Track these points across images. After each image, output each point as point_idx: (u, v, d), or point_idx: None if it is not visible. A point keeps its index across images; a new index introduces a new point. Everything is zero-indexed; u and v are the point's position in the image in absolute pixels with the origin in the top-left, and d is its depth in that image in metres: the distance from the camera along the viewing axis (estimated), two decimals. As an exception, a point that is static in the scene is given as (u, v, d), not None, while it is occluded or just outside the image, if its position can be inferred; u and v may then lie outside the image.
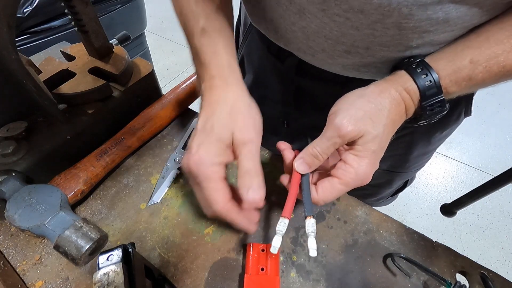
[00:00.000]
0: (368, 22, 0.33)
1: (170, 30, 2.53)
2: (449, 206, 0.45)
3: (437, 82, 0.30)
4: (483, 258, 1.31)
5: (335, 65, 0.41)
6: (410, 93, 0.31)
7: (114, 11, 1.32)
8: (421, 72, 0.31)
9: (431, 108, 0.32)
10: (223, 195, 0.32)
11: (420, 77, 0.31)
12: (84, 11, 0.44)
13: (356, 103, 0.31)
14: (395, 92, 0.31)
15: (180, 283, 0.38)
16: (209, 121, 0.34)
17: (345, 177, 0.31)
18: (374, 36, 0.34)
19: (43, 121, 0.45)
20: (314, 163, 0.33)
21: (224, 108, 0.34)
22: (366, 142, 0.31)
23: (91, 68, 0.49)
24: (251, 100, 0.36)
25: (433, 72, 0.30)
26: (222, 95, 0.35)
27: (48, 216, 0.35)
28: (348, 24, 0.34)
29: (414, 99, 0.32)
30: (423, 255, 0.39)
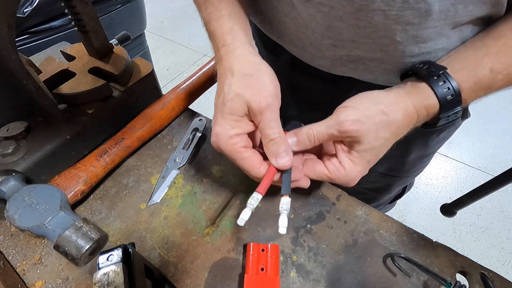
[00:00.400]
0: (352, 10, 0.32)
1: (170, 30, 2.53)
2: (449, 206, 0.45)
3: (459, 95, 0.30)
4: (483, 258, 1.31)
5: (324, 59, 0.41)
6: (428, 109, 0.31)
7: (114, 11, 1.32)
8: (443, 86, 0.30)
9: (447, 119, 0.31)
10: (252, 162, 0.32)
11: (443, 91, 0.30)
12: (84, 11, 0.44)
13: (371, 109, 0.31)
14: (412, 107, 0.31)
15: (180, 283, 0.38)
16: (220, 96, 0.33)
17: (335, 174, 0.32)
18: (358, 27, 0.34)
19: (43, 121, 0.45)
20: (304, 142, 0.33)
21: (232, 79, 0.33)
22: (363, 151, 0.31)
23: (91, 68, 0.49)
24: (259, 60, 0.34)
25: (455, 86, 0.29)
26: (228, 65, 0.34)
27: (48, 216, 0.35)
28: (332, 14, 0.34)
29: (430, 113, 0.31)
30: (423, 255, 0.39)
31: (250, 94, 0.31)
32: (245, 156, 0.32)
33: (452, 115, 0.31)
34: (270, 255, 0.37)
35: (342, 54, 0.38)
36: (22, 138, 0.43)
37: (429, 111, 0.31)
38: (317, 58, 0.42)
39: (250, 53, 0.34)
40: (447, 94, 0.29)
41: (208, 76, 0.57)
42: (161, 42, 2.42)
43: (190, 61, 2.24)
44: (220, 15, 0.36)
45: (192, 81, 0.56)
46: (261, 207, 0.44)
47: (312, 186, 0.46)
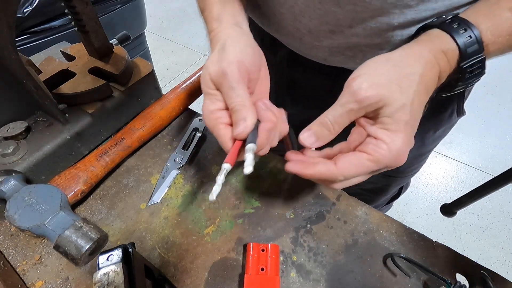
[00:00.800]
0: None
1: (170, 30, 2.53)
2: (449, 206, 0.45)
3: (478, 37, 0.26)
4: (483, 258, 1.31)
5: (322, 48, 0.41)
6: (448, 55, 0.27)
7: (114, 11, 1.32)
8: (459, 27, 0.26)
9: (471, 70, 0.28)
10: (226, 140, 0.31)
11: (459, 33, 0.26)
12: (84, 11, 0.44)
13: (380, 68, 0.27)
14: (428, 53, 0.27)
15: (180, 283, 0.38)
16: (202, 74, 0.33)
17: (376, 153, 0.26)
18: (356, 11, 0.34)
19: (43, 121, 0.45)
20: (323, 134, 0.28)
21: (212, 57, 0.32)
22: (395, 111, 0.26)
23: (91, 68, 0.49)
24: (236, 33, 0.34)
25: (473, 27, 0.26)
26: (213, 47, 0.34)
27: (48, 216, 0.35)
28: (330, 1, 0.34)
29: (451, 61, 0.28)
30: (423, 255, 0.39)
31: (212, 67, 0.31)
32: (221, 133, 0.31)
33: (476, 63, 0.27)
34: (270, 255, 0.37)
35: (339, 41, 0.38)
36: (22, 138, 0.43)
37: (449, 56, 0.27)
38: (315, 48, 0.41)
39: (233, 31, 0.34)
40: (465, 36, 0.26)
41: (208, 76, 0.57)
42: (161, 42, 2.42)
43: (190, 61, 2.24)
44: (211, 2, 0.36)
45: (192, 81, 0.56)
46: (261, 207, 0.44)
47: (312, 186, 0.46)
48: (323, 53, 0.42)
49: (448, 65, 0.28)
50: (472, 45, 0.26)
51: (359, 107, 0.27)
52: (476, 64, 0.27)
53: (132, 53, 1.54)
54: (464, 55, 0.27)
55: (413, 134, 0.28)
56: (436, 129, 0.53)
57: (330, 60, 0.43)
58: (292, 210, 0.44)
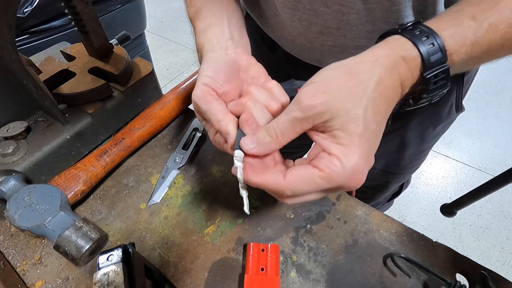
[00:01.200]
0: None
1: (170, 30, 2.53)
2: (449, 206, 0.45)
3: (441, 45, 0.25)
4: (483, 258, 1.31)
5: (314, 50, 0.41)
6: (408, 61, 0.25)
7: (114, 11, 1.32)
8: (421, 34, 0.25)
9: (435, 80, 0.26)
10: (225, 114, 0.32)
11: (421, 40, 0.24)
12: (84, 11, 0.44)
13: (332, 76, 0.25)
14: (385, 58, 0.25)
15: (180, 283, 0.38)
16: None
17: (328, 170, 0.24)
18: (342, 13, 0.34)
19: (43, 121, 0.45)
20: (265, 140, 0.26)
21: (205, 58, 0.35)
22: (346, 123, 0.24)
23: (91, 68, 0.49)
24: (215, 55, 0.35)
25: (435, 34, 0.25)
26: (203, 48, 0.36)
27: (48, 216, 0.35)
28: (318, 0, 0.34)
29: (413, 69, 0.25)
30: (423, 255, 0.39)
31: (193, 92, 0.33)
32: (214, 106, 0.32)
33: (440, 73, 0.25)
34: (270, 255, 0.37)
35: (329, 43, 0.39)
36: (22, 138, 0.43)
37: (410, 63, 0.25)
38: (307, 49, 0.42)
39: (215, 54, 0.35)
40: (427, 43, 0.24)
41: (208, 76, 0.57)
42: (161, 42, 2.42)
43: (190, 61, 2.24)
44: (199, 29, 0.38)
45: (192, 81, 0.56)
46: (261, 207, 0.44)
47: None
48: (315, 54, 0.42)
49: (410, 73, 0.26)
50: (435, 53, 0.25)
51: (304, 116, 0.24)
52: (440, 74, 0.25)
53: (132, 53, 1.54)
54: (427, 64, 0.25)
55: (373, 150, 0.25)
56: (436, 125, 0.53)
57: (322, 61, 0.43)
58: (292, 210, 0.44)
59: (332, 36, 0.38)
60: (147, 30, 1.58)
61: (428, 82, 0.25)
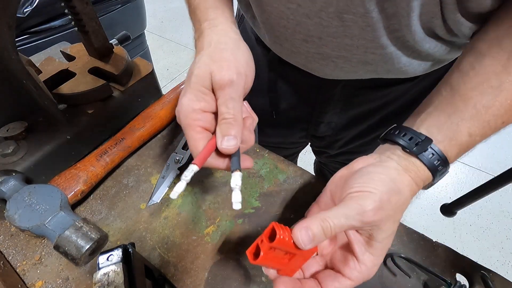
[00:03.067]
0: (315, 10, 0.33)
1: (170, 30, 2.53)
2: (449, 206, 0.45)
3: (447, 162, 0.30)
4: (483, 258, 1.31)
5: (299, 55, 0.42)
6: (425, 181, 0.30)
7: (114, 11, 1.32)
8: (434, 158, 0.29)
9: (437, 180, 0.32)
10: (198, 148, 0.30)
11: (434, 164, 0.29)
12: (84, 11, 0.44)
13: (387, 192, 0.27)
14: (414, 184, 0.30)
15: (180, 283, 0.38)
16: (191, 67, 0.32)
17: (359, 278, 0.27)
18: (322, 25, 0.35)
19: (43, 121, 0.45)
20: (319, 237, 0.26)
21: (207, 50, 0.31)
22: (385, 238, 0.27)
23: (91, 68, 0.49)
24: (239, 38, 0.34)
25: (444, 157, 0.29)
26: (208, 39, 0.33)
27: (48, 216, 0.35)
28: (300, 11, 0.35)
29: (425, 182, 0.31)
30: (423, 255, 0.39)
31: (216, 66, 0.30)
32: (197, 137, 0.30)
33: (441, 176, 0.31)
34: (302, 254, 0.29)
35: (313, 51, 0.40)
36: (22, 138, 0.43)
37: (425, 182, 0.31)
38: (294, 54, 0.43)
39: (232, 30, 0.33)
40: (438, 166, 0.29)
41: (208, 76, 0.57)
42: (161, 42, 2.42)
43: (190, 61, 2.21)
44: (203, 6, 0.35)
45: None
46: (261, 207, 0.44)
47: (311, 185, 0.46)
48: (301, 59, 0.43)
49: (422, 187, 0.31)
50: (442, 170, 0.30)
51: (361, 226, 0.27)
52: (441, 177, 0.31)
53: (132, 53, 1.54)
54: (435, 177, 0.30)
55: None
56: None
57: (308, 66, 0.44)
58: (292, 210, 0.44)
59: (315, 45, 0.38)
60: (147, 30, 1.58)
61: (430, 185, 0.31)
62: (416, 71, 0.41)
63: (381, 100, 0.51)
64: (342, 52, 0.38)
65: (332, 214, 0.26)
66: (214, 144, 0.30)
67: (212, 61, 0.30)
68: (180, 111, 0.30)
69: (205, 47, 0.32)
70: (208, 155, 0.30)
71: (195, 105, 0.30)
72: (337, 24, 0.34)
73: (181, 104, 0.30)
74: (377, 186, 0.27)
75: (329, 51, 0.38)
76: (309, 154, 0.82)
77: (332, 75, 0.44)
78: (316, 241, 0.26)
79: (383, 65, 0.39)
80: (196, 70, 0.30)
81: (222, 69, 0.29)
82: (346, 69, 0.41)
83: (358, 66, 0.40)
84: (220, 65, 0.30)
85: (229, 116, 0.29)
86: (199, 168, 0.29)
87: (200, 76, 0.30)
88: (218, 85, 0.29)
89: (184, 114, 0.30)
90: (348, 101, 0.52)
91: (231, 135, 0.29)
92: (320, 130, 0.59)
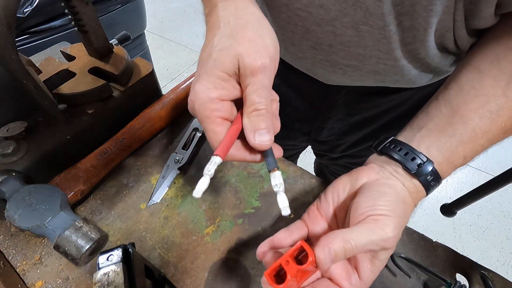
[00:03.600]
0: (328, 19, 0.33)
1: (170, 30, 2.53)
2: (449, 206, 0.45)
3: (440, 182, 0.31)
4: (483, 258, 1.31)
5: (305, 60, 0.41)
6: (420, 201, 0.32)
7: (114, 11, 1.32)
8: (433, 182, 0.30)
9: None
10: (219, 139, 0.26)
11: (432, 187, 0.31)
12: (84, 11, 0.44)
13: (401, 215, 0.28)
14: (414, 207, 0.31)
15: (180, 283, 0.38)
16: (207, 48, 0.27)
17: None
18: (334, 34, 0.34)
19: (43, 121, 0.45)
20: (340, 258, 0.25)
21: (225, 29, 0.27)
22: (387, 255, 0.28)
23: (91, 68, 0.49)
24: (261, 14, 0.29)
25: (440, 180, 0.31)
26: (223, 13, 0.28)
27: (48, 216, 0.35)
28: (310, 19, 0.34)
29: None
30: (423, 255, 0.39)
31: (245, 47, 0.25)
32: (217, 131, 0.26)
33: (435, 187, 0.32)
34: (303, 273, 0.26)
35: (320, 58, 0.39)
36: (22, 138, 0.43)
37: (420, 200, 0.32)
38: (299, 58, 0.42)
39: (252, 3, 0.28)
40: (433, 185, 0.30)
41: (208, 76, 0.57)
42: (161, 42, 2.42)
43: (190, 61, 2.24)
44: None
45: (192, 81, 0.56)
46: (261, 207, 0.44)
47: (311, 186, 0.46)
48: (307, 64, 0.42)
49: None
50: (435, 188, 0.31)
51: (379, 250, 0.27)
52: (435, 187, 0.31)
53: (132, 53, 1.54)
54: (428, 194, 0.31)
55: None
56: None
57: (313, 71, 0.44)
58: (292, 210, 0.44)
59: (324, 52, 0.38)
60: (147, 30, 1.58)
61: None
62: (422, 81, 0.41)
63: (384, 106, 0.50)
64: (352, 61, 0.38)
65: (355, 236, 0.25)
66: (236, 132, 0.26)
67: (236, 41, 0.26)
68: (194, 100, 0.26)
69: (221, 25, 0.27)
70: (231, 145, 0.26)
71: (212, 94, 0.26)
72: (352, 34, 0.33)
73: (196, 92, 0.26)
74: (395, 210, 0.27)
75: (338, 59, 0.38)
76: (309, 154, 0.82)
77: (338, 81, 0.44)
78: (336, 261, 0.25)
79: (392, 75, 0.39)
80: (216, 53, 0.26)
81: (253, 53, 0.25)
82: (355, 77, 0.41)
83: (368, 75, 0.40)
84: (247, 47, 0.25)
85: (261, 107, 0.26)
86: (222, 160, 0.25)
87: (221, 60, 0.25)
88: (249, 70, 0.25)
89: (201, 104, 0.26)
90: (351, 106, 0.52)
91: (264, 128, 0.26)
92: (322, 135, 0.59)
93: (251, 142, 0.26)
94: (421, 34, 0.31)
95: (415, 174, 0.29)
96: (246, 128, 0.26)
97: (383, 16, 0.30)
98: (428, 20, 0.29)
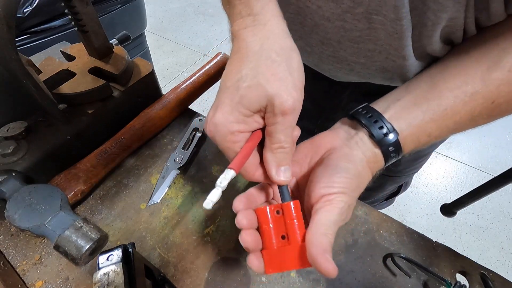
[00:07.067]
0: (339, 12, 0.33)
1: (170, 30, 2.53)
2: (449, 206, 0.45)
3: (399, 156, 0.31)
4: (483, 258, 1.31)
5: (313, 55, 0.41)
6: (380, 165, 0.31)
7: (114, 11, 1.32)
8: (394, 154, 0.30)
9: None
10: (245, 165, 0.28)
11: (392, 158, 0.30)
12: (84, 11, 0.44)
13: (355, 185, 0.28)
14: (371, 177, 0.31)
15: (180, 283, 0.38)
16: (235, 77, 0.26)
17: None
18: (344, 29, 0.34)
19: (43, 121, 0.45)
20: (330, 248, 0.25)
21: (255, 62, 0.26)
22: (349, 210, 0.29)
23: (91, 68, 0.49)
24: (291, 44, 0.28)
25: (402, 153, 0.30)
26: (251, 39, 0.27)
27: (48, 216, 0.35)
28: (319, 13, 0.34)
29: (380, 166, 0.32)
30: (423, 255, 0.39)
31: (275, 88, 0.25)
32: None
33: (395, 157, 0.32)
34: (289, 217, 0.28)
35: (328, 54, 0.39)
36: (22, 138, 0.43)
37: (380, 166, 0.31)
38: (307, 53, 0.42)
39: (283, 32, 0.28)
40: (393, 157, 0.30)
41: (208, 76, 0.57)
42: (161, 42, 2.42)
43: (190, 61, 2.24)
44: None
45: (192, 81, 0.56)
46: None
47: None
48: (314, 59, 0.42)
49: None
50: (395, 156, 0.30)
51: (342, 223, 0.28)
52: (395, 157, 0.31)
53: (132, 53, 1.54)
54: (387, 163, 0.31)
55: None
56: None
57: (320, 66, 0.43)
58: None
59: (332, 47, 0.37)
60: (147, 30, 1.58)
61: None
62: None
63: None
64: (361, 59, 0.37)
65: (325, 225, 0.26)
66: (251, 148, 0.27)
67: (265, 80, 0.25)
68: (215, 132, 0.26)
69: (250, 54, 0.27)
70: (245, 160, 0.27)
71: (233, 128, 0.26)
72: (363, 27, 0.33)
73: (216, 124, 0.26)
74: (350, 186, 0.28)
75: (346, 55, 0.38)
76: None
77: (344, 78, 0.43)
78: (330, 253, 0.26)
79: (399, 73, 0.38)
80: (244, 89, 0.25)
81: (284, 94, 0.25)
82: (362, 74, 0.40)
83: (376, 73, 0.39)
84: (279, 87, 0.25)
85: (287, 146, 0.27)
86: (236, 174, 0.26)
87: (248, 98, 0.25)
88: (279, 111, 0.25)
89: (222, 137, 0.27)
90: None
91: (286, 165, 0.27)
92: None
93: (275, 178, 0.28)
94: (428, 30, 0.31)
95: (378, 143, 0.29)
96: (269, 162, 0.28)
97: (397, 10, 0.29)
98: (438, 14, 0.29)
